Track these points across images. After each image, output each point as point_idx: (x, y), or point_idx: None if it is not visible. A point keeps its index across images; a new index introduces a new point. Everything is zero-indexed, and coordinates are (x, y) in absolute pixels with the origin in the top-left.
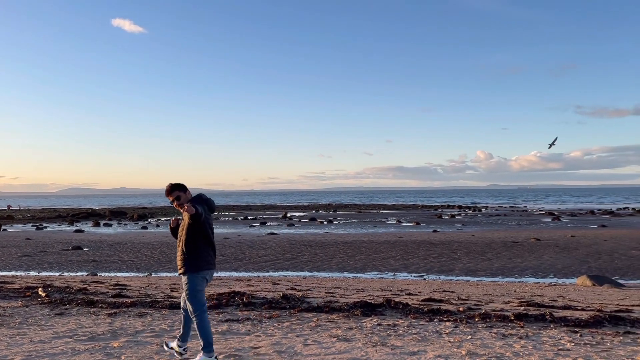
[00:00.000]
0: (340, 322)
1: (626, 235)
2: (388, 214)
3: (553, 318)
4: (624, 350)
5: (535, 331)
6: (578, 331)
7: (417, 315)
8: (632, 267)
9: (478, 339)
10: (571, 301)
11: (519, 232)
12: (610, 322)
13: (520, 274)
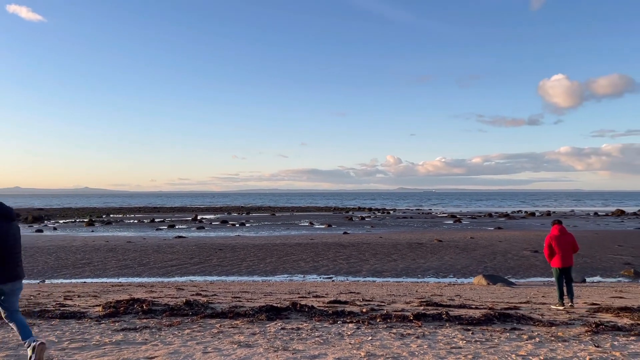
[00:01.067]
0: (244, 327)
1: (519, 237)
2: (301, 216)
3: (449, 317)
4: (509, 346)
5: (432, 330)
6: (470, 329)
7: (321, 317)
8: (522, 267)
9: (378, 340)
10: (467, 300)
11: (423, 233)
12: (499, 320)
13: (423, 274)
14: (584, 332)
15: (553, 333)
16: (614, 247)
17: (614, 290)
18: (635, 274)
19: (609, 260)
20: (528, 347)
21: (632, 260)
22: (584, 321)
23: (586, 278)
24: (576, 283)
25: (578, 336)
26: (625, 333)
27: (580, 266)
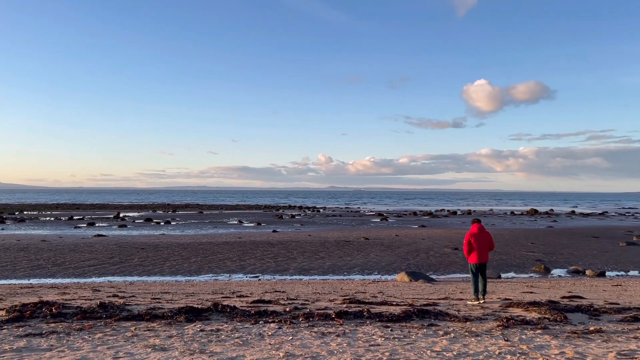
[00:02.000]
0: (160, 330)
1: (441, 235)
2: (230, 214)
3: (370, 314)
4: (425, 342)
5: (353, 328)
6: (390, 326)
7: (243, 318)
8: (443, 263)
9: (298, 339)
10: (389, 297)
11: (351, 231)
12: (418, 316)
13: (349, 271)
14: (496, 327)
15: (467, 328)
16: (528, 244)
17: (525, 285)
18: (545, 270)
19: (523, 257)
20: (443, 342)
21: (543, 256)
22: (497, 316)
23: (501, 274)
24: (492, 279)
25: (490, 331)
26: (533, 327)
27: (497, 263)
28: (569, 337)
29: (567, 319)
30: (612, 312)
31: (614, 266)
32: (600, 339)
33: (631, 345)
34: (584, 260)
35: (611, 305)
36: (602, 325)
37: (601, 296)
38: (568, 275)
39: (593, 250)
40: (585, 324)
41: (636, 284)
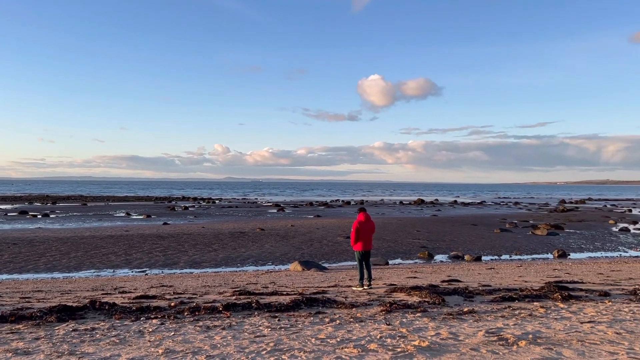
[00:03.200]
0: (26, 332)
1: (334, 224)
2: (117, 206)
3: (259, 305)
4: (311, 330)
5: (240, 320)
6: (278, 316)
7: (123, 315)
8: (335, 252)
9: (181, 335)
10: (280, 287)
11: (247, 223)
12: (306, 305)
13: (243, 263)
14: (380, 312)
15: (353, 314)
16: (414, 232)
17: (410, 271)
18: (429, 256)
19: (409, 244)
20: (328, 329)
21: (427, 243)
22: (381, 301)
23: (389, 261)
24: (380, 265)
25: (374, 316)
26: (414, 310)
27: (385, 250)
28: (445, 318)
29: (444, 302)
30: (484, 293)
31: (489, 251)
32: (472, 319)
33: (498, 323)
34: (463, 246)
35: (484, 287)
36: (474, 306)
37: (476, 279)
38: (449, 260)
39: (471, 237)
40: (460, 306)
41: (507, 267)
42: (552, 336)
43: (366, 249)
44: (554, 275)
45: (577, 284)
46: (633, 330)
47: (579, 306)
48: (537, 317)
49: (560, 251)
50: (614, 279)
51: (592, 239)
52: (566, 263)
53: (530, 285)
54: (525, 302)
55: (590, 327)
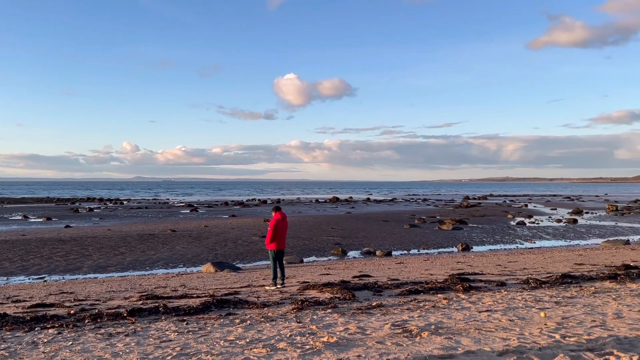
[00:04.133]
0: None
1: (250, 224)
2: (13, 208)
3: (167, 309)
4: (220, 332)
5: (146, 325)
6: (186, 319)
7: (15, 326)
8: (251, 252)
9: (80, 344)
10: (191, 289)
11: (157, 224)
12: (217, 306)
13: (152, 266)
14: (291, 310)
15: (264, 314)
16: (328, 229)
17: (324, 268)
18: (342, 253)
19: (324, 242)
20: (238, 330)
21: (341, 240)
22: (293, 299)
23: (304, 259)
24: (295, 264)
25: (285, 314)
26: (324, 306)
27: (300, 248)
28: (354, 313)
29: (355, 297)
30: (392, 287)
31: (399, 246)
32: (380, 313)
33: (404, 315)
34: (375, 242)
35: (393, 281)
36: (383, 300)
37: (386, 273)
38: (361, 256)
39: (383, 233)
40: (370, 300)
41: (415, 261)
42: (453, 326)
43: (281, 248)
44: (457, 267)
45: (478, 275)
46: (524, 316)
47: (478, 296)
48: (440, 309)
49: (464, 245)
50: (510, 270)
51: (492, 233)
52: (469, 256)
53: (435, 278)
54: (430, 294)
55: (487, 316)
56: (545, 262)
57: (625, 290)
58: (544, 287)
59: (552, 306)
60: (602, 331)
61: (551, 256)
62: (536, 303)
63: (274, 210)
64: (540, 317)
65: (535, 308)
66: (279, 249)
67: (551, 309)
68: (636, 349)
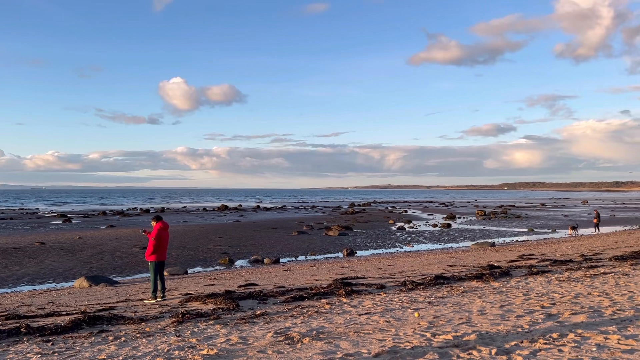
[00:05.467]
0: None
1: (130, 234)
2: None
3: (29, 329)
4: (91, 351)
5: (3, 349)
6: (52, 339)
7: None
8: (130, 264)
9: None
10: (60, 306)
11: (23, 236)
12: (89, 324)
13: (16, 282)
14: (171, 324)
15: (141, 329)
16: (216, 238)
17: (209, 278)
18: (230, 262)
19: (210, 251)
20: (111, 348)
21: (228, 249)
22: (174, 312)
23: (188, 269)
24: (178, 275)
25: (164, 328)
26: (207, 318)
27: (185, 258)
28: (237, 323)
29: (239, 307)
30: (278, 295)
31: (287, 253)
32: (264, 321)
33: (287, 323)
34: (263, 250)
35: (278, 289)
36: (267, 309)
37: (272, 281)
38: (249, 264)
39: (271, 241)
40: (254, 309)
41: (302, 267)
42: (334, 330)
43: (162, 259)
44: (342, 272)
45: (360, 279)
46: (400, 317)
47: (359, 299)
48: (322, 314)
49: (348, 250)
50: (390, 273)
51: (375, 238)
52: (353, 260)
53: (320, 283)
54: (314, 300)
55: (366, 318)
56: (421, 264)
57: (489, 288)
58: (419, 288)
59: (426, 306)
60: (467, 327)
61: (427, 259)
62: (411, 304)
63: (155, 220)
64: (414, 317)
65: (410, 309)
66: (160, 260)
67: (424, 308)
68: (495, 343)
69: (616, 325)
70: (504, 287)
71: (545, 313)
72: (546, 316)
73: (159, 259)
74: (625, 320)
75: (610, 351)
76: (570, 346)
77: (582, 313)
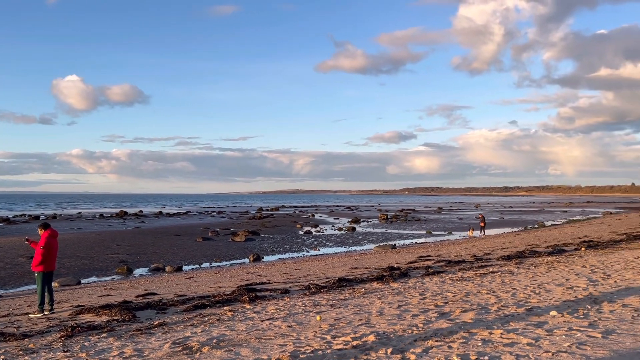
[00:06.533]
0: None
1: (16, 243)
2: None
3: None
4: None
5: None
6: None
7: None
8: (15, 275)
9: None
10: None
11: None
12: None
13: None
14: (58, 338)
15: (24, 346)
16: (113, 246)
17: (105, 288)
18: (128, 271)
19: (107, 260)
20: None
21: (127, 257)
22: (63, 326)
23: (82, 280)
24: (70, 286)
25: (51, 344)
26: (99, 331)
27: (78, 268)
28: (133, 335)
29: (136, 317)
30: (178, 303)
31: (190, 260)
32: (162, 332)
33: (187, 332)
34: (165, 258)
35: (179, 297)
36: (166, 318)
37: (173, 290)
38: (149, 273)
39: (174, 247)
40: (152, 319)
41: (205, 275)
42: (235, 338)
43: (50, 270)
44: (247, 278)
45: (265, 284)
46: (302, 321)
47: (263, 305)
48: (224, 321)
49: (255, 255)
50: (295, 277)
51: (282, 242)
52: (259, 266)
53: (224, 290)
54: (217, 308)
55: (269, 324)
56: (326, 267)
57: (388, 289)
58: (322, 291)
59: (328, 309)
60: (366, 328)
61: (332, 262)
62: (314, 307)
63: (43, 228)
64: (316, 321)
65: (313, 312)
66: (49, 270)
67: (327, 311)
68: (391, 342)
69: (500, 321)
70: (402, 288)
71: (439, 312)
72: (439, 314)
73: (47, 269)
74: (509, 316)
75: (493, 345)
76: (459, 342)
77: (472, 310)
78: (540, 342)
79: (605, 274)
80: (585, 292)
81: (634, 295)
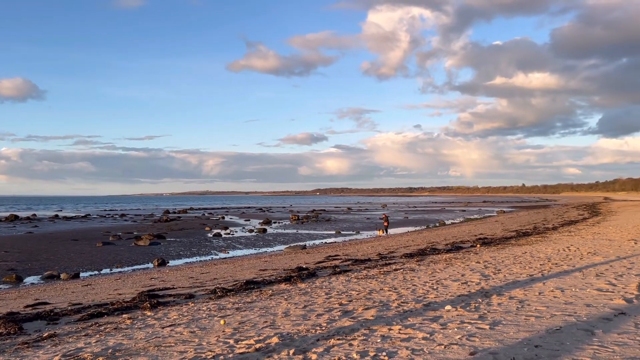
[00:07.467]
0: None
1: None
2: None
3: None
4: None
5: None
6: None
7: None
8: None
9: None
10: None
11: None
12: None
13: None
14: None
15: None
16: (1, 253)
17: None
18: (17, 279)
19: None
20: None
21: (17, 265)
22: None
23: None
24: None
25: None
26: None
27: None
28: (18, 349)
29: (22, 330)
30: (72, 313)
31: (89, 266)
32: (51, 344)
33: (80, 343)
34: (61, 264)
35: (74, 307)
36: (57, 329)
37: (68, 298)
38: (42, 281)
39: (71, 253)
40: (41, 331)
41: (105, 281)
42: (132, 346)
43: None
44: (150, 284)
45: (169, 289)
46: (205, 326)
47: (165, 311)
48: (122, 330)
49: (159, 260)
50: (201, 281)
51: (189, 246)
52: (164, 271)
53: (123, 297)
54: (115, 316)
55: (170, 331)
56: (234, 270)
57: (296, 290)
58: (229, 295)
59: (233, 312)
60: (270, 330)
61: (241, 264)
62: (219, 311)
63: None
64: (220, 325)
65: (217, 316)
66: None
67: (231, 315)
68: (294, 343)
69: (399, 317)
70: (309, 288)
71: (342, 310)
72: (343, 313)
73: None
74: (407, 312)
75: (392, 341)
76: (359, 339)
77: (374, 307)
78: (434, 335)
79: (496, 268)
80: (478, 286)
81: (520, 287)
